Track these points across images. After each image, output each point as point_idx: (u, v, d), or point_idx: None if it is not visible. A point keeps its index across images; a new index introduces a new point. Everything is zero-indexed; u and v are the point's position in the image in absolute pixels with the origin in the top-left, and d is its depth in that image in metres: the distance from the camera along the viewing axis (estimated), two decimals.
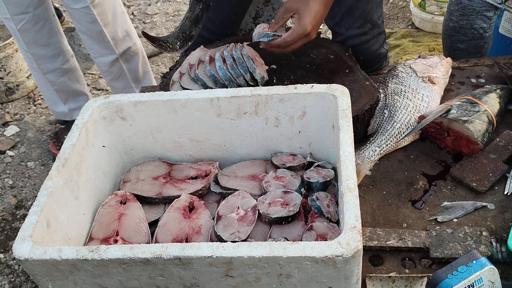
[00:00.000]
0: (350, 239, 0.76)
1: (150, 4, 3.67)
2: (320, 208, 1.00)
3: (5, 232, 2.13)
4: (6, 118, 2.76)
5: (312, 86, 1.05)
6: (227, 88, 1.21)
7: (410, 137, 1.29)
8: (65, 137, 1.03)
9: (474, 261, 0.86)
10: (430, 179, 1.21)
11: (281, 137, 1.13)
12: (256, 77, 1.26)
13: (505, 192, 1.15)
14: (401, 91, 1.36)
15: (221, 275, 0.80)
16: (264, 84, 1.29)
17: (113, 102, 1.10)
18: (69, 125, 2.45)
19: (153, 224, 1.05)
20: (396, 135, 1.28)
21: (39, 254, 0.81)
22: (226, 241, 0.88)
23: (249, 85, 1.25)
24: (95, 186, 1.08)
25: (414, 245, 1.04)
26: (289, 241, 0.91)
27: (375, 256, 1.06)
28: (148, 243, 1.00)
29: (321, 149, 1.14)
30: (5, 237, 2.10)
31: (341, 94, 1.02)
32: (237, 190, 1.08)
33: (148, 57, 2.69)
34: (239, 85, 1.25)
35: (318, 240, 0.94)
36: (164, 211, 1.06)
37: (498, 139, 1.26)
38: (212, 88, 1.23)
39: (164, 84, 1.45)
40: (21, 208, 2.24)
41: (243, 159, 1.17)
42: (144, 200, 1.10)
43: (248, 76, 1.26)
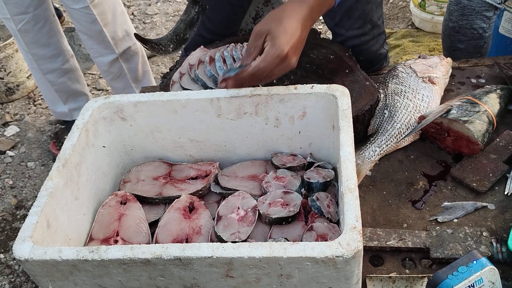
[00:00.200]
0: (350, 239, 0.76)
1: (150, 4, 3.67)
2: (320, 208, 1.00)
3: (5, 232, 2.13)
4: (6, 118, 2.76)
5: (312, 86, 1.05)
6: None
7: (410, 137, 1.29)
8: (65, 137, 1.04)
9: (475, 262, 0.86)
10: (430, 180, 1.21)
11: (281, 137, 1.13)
12: None
13: (506, 192, 1.14)
14: (401, 91, 1.36)
15: (222, 275, 0.80)
16: (264, 85, 1.29)
17: (113, 102, 1.10)
18: (69, 125, 2.45)
19: (153, 225, 1.05)
20: (396, 135, 1.28)
21: (39, 255, 0.81)
22: (226, 242, 0.88)
23: None
24: (95, 186, 1.08)
25: (414, 245, 1.04)
26: (289, 241, 0.91)
27: (375, 257, 1.06)
28: (148, 243, 1.00)
29: (321, 149, 1.14)
30: (5, 237, 2.10)
31: (341, 94, 1.02)
32: (237, 190, 1.08)
33: (148, 57, 2.69)
34: None
35: (318, 241, 0.93)
36: (164, 212, 1.06)
37: (498, 139, 1.26)
38: (212, 89, 1.23)
39: (164, 85, 1.45)
40: (21, 208, 2.24)
41: (243, 159, 1.17)
42: (144, 201, 1.10)
43: None
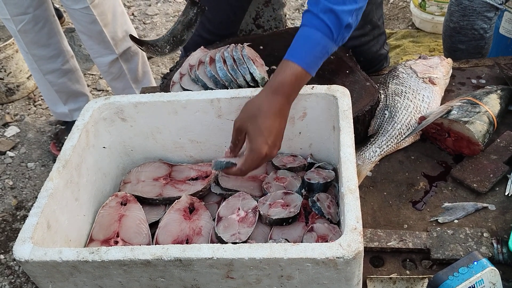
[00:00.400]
0: (351, 240, 0.75)
1: (150, 5, 3.66)
2: (320, 209, 1.00)
3: (6, 233, 2.13)
4: (6, 118, 2.76)
5: (313, 87, 1.05)
6: (228, 89, 1.21)
7: (410, 138, 1.29)
8: (66, 137, 1.03)
9: (475, 263, 0.86)
10: (431, 180, 1.21)
11: None
12: (257, 77, 1.26)
13: (506, 193, 1.14)
14: (402, 91, 1.36)
15: (222, 276, 0.80)
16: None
17: (114, 103, 1.10)
18: (69, 126, 2.44)
19: (153, 225, 1.05)
20: (397, 136, 1.28)
21: (39, 256, 0.80)
22: (226, 243, 0.88)
23: (249, 86, 1.25)
24: (96, 187, 1.08)
25: (415, 246, 1.04)
26: (289, 242, 0.91)
27: (376, 257, 1.06)
28: (148, 244, 1.00)
29: (321, 150, 1.13)
30: (5, 238, 2.10)
31: (342, 95, 1.02)
32: (238, 191, 1.07)
33: (148, 58, 2.69)
34: (240, 86, 1.25)
35: (319, 242, 0.93)
36: (165, 212, 1.06)
37: (499, 140, 1.26)
38: (212, 89, 1.23)
39: (165, 85, 1.45)
40: (21, 209, 2.24)
41: None
42: (144, 201, 1.10)
43: (248, 77, 1.25)
